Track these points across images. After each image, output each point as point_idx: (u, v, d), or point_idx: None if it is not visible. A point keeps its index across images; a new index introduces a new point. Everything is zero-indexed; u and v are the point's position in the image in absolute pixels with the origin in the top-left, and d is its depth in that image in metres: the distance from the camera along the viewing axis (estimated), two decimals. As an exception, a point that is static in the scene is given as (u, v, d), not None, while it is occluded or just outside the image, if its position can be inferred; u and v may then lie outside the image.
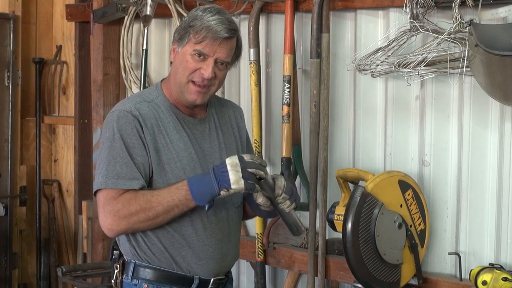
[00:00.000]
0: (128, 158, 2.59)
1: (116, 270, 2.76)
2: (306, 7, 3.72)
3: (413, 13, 3.26)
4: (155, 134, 2.64)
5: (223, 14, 2.65)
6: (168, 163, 2.65)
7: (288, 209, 2.69)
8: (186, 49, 2.63)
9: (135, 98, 2.72)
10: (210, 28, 2.59)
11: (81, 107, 5.01)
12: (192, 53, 2.62)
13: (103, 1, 4.55)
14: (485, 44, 2.97)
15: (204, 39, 2.60)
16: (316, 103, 3.62)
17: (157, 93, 2.73)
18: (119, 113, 2.64)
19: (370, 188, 3.31)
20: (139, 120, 2.63)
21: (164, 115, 2.69)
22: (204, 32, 2.60)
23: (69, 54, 5.27)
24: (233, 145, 2.83)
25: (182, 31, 2.65)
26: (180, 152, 2.67)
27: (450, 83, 3.32)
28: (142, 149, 2.62)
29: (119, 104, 2.73)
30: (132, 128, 2.61)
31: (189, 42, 2.62)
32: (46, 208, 5.33)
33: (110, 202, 2.57)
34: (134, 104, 2.66)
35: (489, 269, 3.18)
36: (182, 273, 2.69)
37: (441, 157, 3.44)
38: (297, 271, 3.87)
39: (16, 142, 5.13)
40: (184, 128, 2.71)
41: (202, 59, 2.62)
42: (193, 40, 2.61)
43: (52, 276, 5.27)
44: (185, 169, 2.66)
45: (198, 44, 2.61)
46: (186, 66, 2.63)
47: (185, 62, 2.63)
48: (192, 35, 2.61)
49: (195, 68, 2.63)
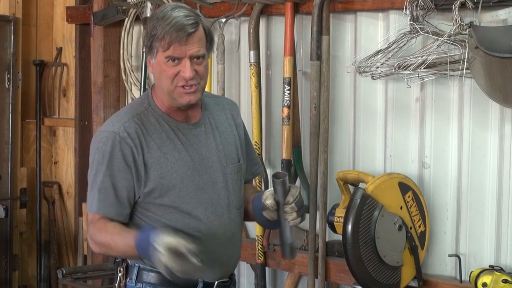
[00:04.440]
0: (109, 183, 2.61)
1: (119, 274, 2.75)
2: (306, 9, 3.73)
3: (413, 15, 3.27)
4: (144, 152, 2.63)
5: (178, 10, 2.59)
6: (163, 177, 2.63)
7: (292, 223, 2.62)
8: (158, 59, 2.60)
9: (125, 115, 2.69)
10: (170, 32, 2.55)
11: (82, 109, 5.01)
12: (165, 60, 2.58)
13: (104, 3, 4.56)
14: (485, 46, 2.97)
15: (169, 44, 2.56)
16: (316, 105, 3.62)
17: (148, 103, 2.70)
18: (106, 135, 2.63)
19: (370, 190, 3.31)
20: (127, 142, 2.61)
21: (155, 126, 2.66)
22: (167, 37, 2.55)
23: (69, 56, 5.28)
24: (232, 144, 2.80)
25: (148, 43, 2.62)
26: (176, 162, 2.64)
27: (450, 85, 3.32)
28: (127, 172, 2.61)
29: (107, 122, 2.71)
30: (118, 150, 2.61)
31: (158, 52, 2.59)
32: (46, 210, 5.33)
33: (90, 224, 2.66)
34: (123, 123, 2.64)
35: (489, 271, 3.18)
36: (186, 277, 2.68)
37: (441, 159, 3.44)
38: (297, 273, 3.87)
39: (16, 144, 5.13)
40: (178, 135, 2.68)
41: (177, 62, 2.58)
42: (160, 49, 2.58)
43: (52, 278, 5.27)
44: (183, 179, 2.65)
45: (166, 51, 2.57)
46: (165, 75, 2.60)
47: (163, 72, 2.60)
48: (158, 44, 2.57)
49: (175, 73, 2.59)
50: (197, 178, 2.67)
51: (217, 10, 4.00)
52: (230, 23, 4.08)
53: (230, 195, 2.74)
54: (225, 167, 2.74)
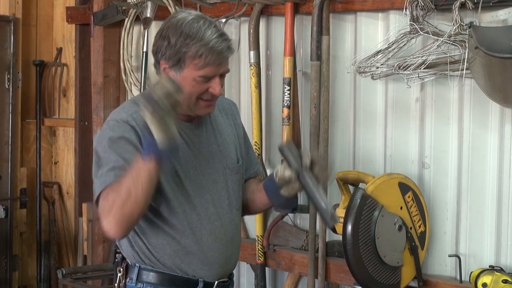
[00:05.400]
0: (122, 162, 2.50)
1: (119, 274, 2.74)
2: (306, 9, 3.73)
3: (413, 15, 3.27)
4: None
5: (210, 28, 2.52)
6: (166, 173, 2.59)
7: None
8: (187, 74, 2.52)
9: (130, 107, 2.63)
10: (211, 53, 2.48)
11: (81, 110, 5.01)
12: (197, 79, 2.52)
13: (104, 3, 4.56)
14: (485, 46, 2.97)
15: (206, 65, 2.50)
16: (316, 105, 3.62)
17: None
18: (114, 123, 2.58)
19: (370, 190, 3.31)
20: (136, 130, 2.56)
21: None
22: (204, 58, 2.48)
23: (69, 56, 5.28)
24: (232, 145, 2.80)
25: (174, 56, 2.51)
26: (179, 160, 2.64)
27: (450, 85, 3.32)
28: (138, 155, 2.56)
29: (114, 113, 2.65)
30: (129, 136, 2.55)
31: (188, 68, 2.51)
32: (46, 210, 5.33)
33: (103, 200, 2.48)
34: (130, 114, 2.59)
35: (489, 271, 3.18)
36: (186, 277, 2.69)
37: (441, 159, 3.44)
38: (297, 273, 3.87)
39: (16, 144, 5.13)
40: (181, 134, 2.63)
41: (208, 80, 2.54)
42: (192, 67, 2.51)
43: (52, 278, 5.27)
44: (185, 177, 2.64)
45: (201, 69, 2.51)
46: (192, 90, 2.54)
47: (190, 87, 2.53)
48: (190, 61, 2.50)
49: (202, 90, 2.55)
50: (199, 177, 2.67)
51: (217, 10, 4.00)
52: (230, 23, 4.07)
53: (230, 196, 2.74)
54: (226, 167, 2.74)
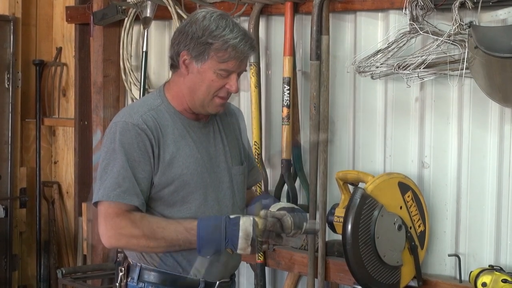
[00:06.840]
0: (130, 173, 2.57)
1: (120, 273, 2.75)
2: (306, 9, 3.73)
3: (412, 15, 3.27)
4: (162, 145, 2.62)
5: (236, 25, 2.62)
6: (175, 172, 2.64)
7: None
8: (208, 66, 2.60)
9: (140, 107, 2.68)
10: (236, 48, 2.57)
11: (81, 109, 5.01)
12: (218, 71, 2.60)
13: (103, 3, 4.56)
14: (485, 46, 2.97)
15: (230, 58, 2.58)
16: (316, 105, 3.62)
17: (161, 99, 2.70)
18: (124, 125, 2.61)
19: (370, 190, 3.31)
20: (147, 134, 2.60)
21: (169, 122, 2.66)
22: (229, 51, 2.57)
23: (69, 56, 5.28)
24: (236, 147, 2.84)
25: (199, 46, 2.59)
26: (187, 158, 2.66)
27: (449, 85, 3.32)
28: (147, 164, 2.60)
29: (124, 113, 2.68)
30: (138, 142, 2.59)
31: (211, 60, 2.59)
32: (46, 210, 5.33)
33: (113, 218, 2.57)
34: (141, 115, 2.63)
35: (488, 271, 3.18)
36: (188, 276, 2.69)
37: (441, 159, 3.44)
38: (297, 273, 3.87)
39: (16, 144, 5.13)
40: (190, 133, 2.69)
41: (227, 75, 2.62)
42: (216, 59, 2.59)
43: (52, 278, 5.27)
44: (193, 175, 2.66)
45: (223, 63, 2.59)
46: (210, 84, 2.62)
47: (209, 80, 2.61)
48: (214, 53, 2.58)
49: (221, 85, 2.62)
50: (206, 176, 2.69)
51: (216, 10, 4.00)
52: (230, 23, 4.07)
53: (235, 196, 2.76)
54: (231, 167, 2.77)
